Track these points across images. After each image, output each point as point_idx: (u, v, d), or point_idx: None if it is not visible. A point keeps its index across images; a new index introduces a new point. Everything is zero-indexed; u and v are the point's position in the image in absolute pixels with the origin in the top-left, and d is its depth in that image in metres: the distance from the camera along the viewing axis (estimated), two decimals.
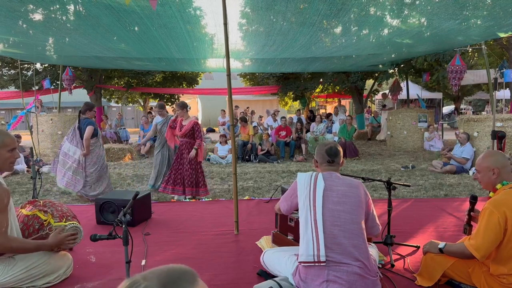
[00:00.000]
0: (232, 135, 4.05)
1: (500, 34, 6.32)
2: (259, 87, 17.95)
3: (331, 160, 2.54)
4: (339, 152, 2.57)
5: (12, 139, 2.54)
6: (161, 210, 4.84)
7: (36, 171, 3.93)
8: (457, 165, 7.54)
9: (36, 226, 2.80)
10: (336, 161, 2.55)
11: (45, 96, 14.64)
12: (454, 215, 4.52)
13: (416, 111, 12.11)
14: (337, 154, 2.55)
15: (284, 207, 2.71)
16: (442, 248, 2.55)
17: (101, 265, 3.14)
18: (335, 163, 2.55)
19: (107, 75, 16.32)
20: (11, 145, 2.51)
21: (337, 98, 20.55)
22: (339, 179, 2.48)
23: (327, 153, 2.56)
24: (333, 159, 2.54)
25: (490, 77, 8.28)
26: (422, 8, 5.52)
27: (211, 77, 26.85)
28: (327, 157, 2.55)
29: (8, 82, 15.31)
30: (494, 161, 2.40)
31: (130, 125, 27.02)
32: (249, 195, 5.80)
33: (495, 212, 2.24)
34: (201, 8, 5.61)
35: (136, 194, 2.74)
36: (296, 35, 6.40)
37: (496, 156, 2.42)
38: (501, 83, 10.49)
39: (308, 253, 2.28)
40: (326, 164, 2.56)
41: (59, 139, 11.09)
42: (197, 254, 3.38)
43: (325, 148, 2.58)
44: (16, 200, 5.58)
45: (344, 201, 2.37)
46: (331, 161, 2.54)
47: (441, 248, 2.56)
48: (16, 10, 5.31)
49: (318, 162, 2.61)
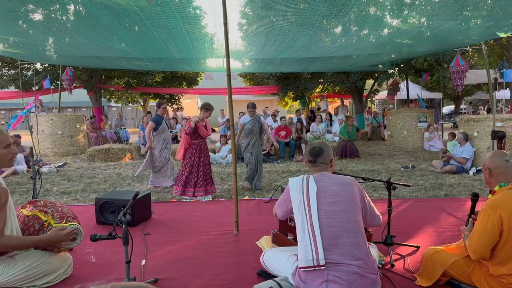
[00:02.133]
0: (232, 135, 4.05)
1: (500, 34, 6.32)
2: (259, 87, 17.95)
3: (312, 159, 2.53)
4: (322, 152, 2.53)
5: (4, 136, 2.55)
6: (161, 210, 4.84)
7: (36, 171, 3.93)
8: (457, 165, 7.54)
9: (37, 227, 2.80)
10: (319, 161, 2.52)
11: (45, 96, 14.63)
12: (454, 215, 4.52)
13: (416, 111, 12.12)
14: (319, 154, 2.52)
15: (280, 212, 2.71)
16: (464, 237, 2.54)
17: (101, 265, 3.14)
18: (317, 162, 2.52)
19: (107, 75, 16.33)
20: (5, 141, 2.53)
21: (340, 98, 20.50)
22: (331, 178, 2.47)
23: (309, 153, 2.55)
24: (315, 159, 2.52)
25: (490, 77, 8.28)
26: (422, 8, 5.52)
27: (211, 77, 26.87)
28: (309, 156, 2.55)
29: (8, 82, 15.31)
30: (489, 162, 2.41)
31: (130, 125, 27.02)
32: (249, 195, 5.80)
33: (490, 214, 2.24)
34: (201, 8, 5.61)
35: (136, 194, 2.74)
36: (296, 35, 6.40)
37: (494, 157, 2.42)
38: (501, 83, 10.49)
39: (307, 258, 2.27)
40: (310, 165, 2.56)
41: (59, 139, 11.12)
42: (197, 254, 3.38)
43: (309, 147, 2.59)
44: (16, 200, 5.58)
45: (338, 201, 2.36)
46: (313, 161, 2.53)
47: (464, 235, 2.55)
48: (16, 10, 5.31)
49: (306, 162, 2.63)
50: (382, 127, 14.93)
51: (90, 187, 6.51)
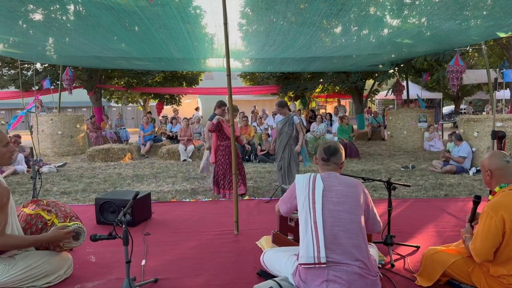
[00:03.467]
0: (232, 135, 4.04)
1: (500, 34, 6.32)
2: (259, 87, 17.94)
3: (326, 158, 2.54)
4: (337, 152, 2.54)
5: (2, 134, 2.57)
6: (161, 210, 4.84)
7: (36, 171, 3.92)
8: (457, 165, 7.54)
9: (40, 226, 2.80)
10: (332, 160, 2.53)
11: (45, 96, 14.65)
12: (454, 215, 4.51)
13: (416, 111, 12.11)
14: (334, 154, 2.53)
15: (284, 209, 2.72)
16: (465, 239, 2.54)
17: (101, 265, 3.14)
18: (330, 162, 2.54)
19: (107, 75, 16.33)
20: (4, 140, 2.56)
21: (337, 98, 20.54)
22: (338, 178, 2.48)
23: (324, 151, 2.56)
24: (328, 158, 2.53)
25: (490, 77, 8.28)
26: (422, 8, 5.52)
27: (211, 77, 26.88)
28: (322, 154, 2.56)
29: (8, 82, 15.31)
30: (489, 163, 2.40)
31: (130, 125, 27.03)
32: (249, 195, 5.80)
33: (493, 216, 2.23)
34: (201, 8, 5.61)
35: (136, 194, 2.74)
36: (296, 35, 6.40)
37: (493, 158, 2.41)
38: (501, 83, 10.49)
39: (308, 255, 2.28)
40: (322, 163, 2.57)
41: (59, 139, 11.12)
42: (197, 254, 3.38)
43: (324, 146, 2.60)
44: (16, 200, 5.58)
45: (343, 201, 2.37)
46: (326, 159, 2.54)
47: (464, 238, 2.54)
48: (16, 10, 5.31)
49: (317, 159, 2.63)
50: (382, 127, 14.93)
51: (90, 187, 6.51)
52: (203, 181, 6.90)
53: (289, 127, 5.76)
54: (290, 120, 5.76)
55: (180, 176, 7.47)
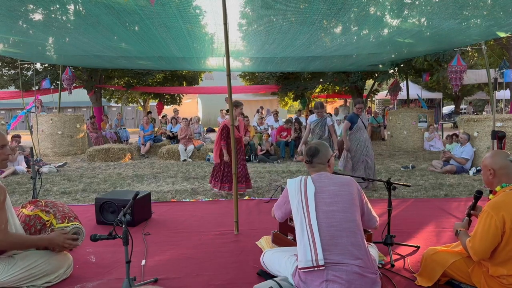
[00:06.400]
0: (232, 135, 4.04)
1: (500, 34, 6.32)
2: (259, 86, 17.93)
3: (308, 160, 2.57)
4: (318, 152, 2.55)
5: (1, 136, 2.55)
6: (161, 210, 4.84)
7: (36, 171, 3.92)
8: (457, 165, 7.53)
9: (38, 227, 2.80)
10: (316, 161, 2.55)
11: (45, 96, 14.64)
12: (454, 215, 4.51)
13: (416, 111, 12.12)
14: (315, 154, 2.55)
15: (279, 215, 2.73)
16: (457, 233, 2.56)
17: (101, 265, 3.14)
18: (314, 163, 2.55)
19: (107, 75, 16.32)
20: (1, 142, 2.53)
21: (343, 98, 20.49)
22: (329, 178, 2.48)
23: (306, 153, 2.59)
24: (311, 159, 2.55)
25: (490, 77, 8.27)
26: (422, 8, 5.52)
27: (211, 77, 26.89)
28: (305, 156, 2.60)
29: (8, 82, 15.31)
30: (492, 162, 2.40)
31: (130, 125, 27.04)
32: (249, 195, 5.80)
33: (493, 215, 2.23)
34: (201, 8, 5.61)
35: (136, 194, 2.74)
36: (296, 34, 6.40)
37: (496, 157, 2.41)
38: (501, 83, 10.49)
39: (306, 259, 2.27)
40: (307, 165, 2.60)
41: (59, 139, 11.12)
42: (197, 254, 3.38)
43: (306, 147, 2.63)
44: (16, 200, 5.58)
45: (336, 201, 2.37)
46: (309, 161, 2.56)
47: (457, 232, 2.57)
48: (16, 10, 5.31)
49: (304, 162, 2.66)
50: (382, 127, 14.93)
51: (90, 187, 6.51)
52: (203, 181, 6.90)
53: (320, 128, 5.94)
54: (323, 122, 5.90)
55: (180, 176, 7.47)
